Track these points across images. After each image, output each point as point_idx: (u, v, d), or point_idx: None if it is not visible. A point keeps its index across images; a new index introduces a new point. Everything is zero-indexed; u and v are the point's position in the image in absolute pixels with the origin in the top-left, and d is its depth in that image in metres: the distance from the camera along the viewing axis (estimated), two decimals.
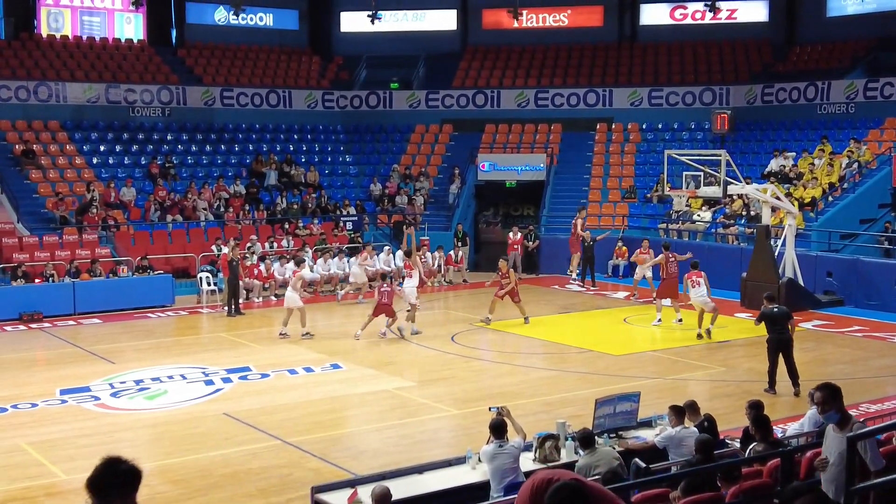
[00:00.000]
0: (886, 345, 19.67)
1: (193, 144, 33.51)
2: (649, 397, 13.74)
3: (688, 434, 10.32)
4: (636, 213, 31.25)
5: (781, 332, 15.40)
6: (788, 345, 15.43)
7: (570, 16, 37.88)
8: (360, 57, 37.98)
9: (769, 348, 15.54)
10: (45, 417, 14.79)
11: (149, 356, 19.06)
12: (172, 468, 12.35)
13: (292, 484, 11.63)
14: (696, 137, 33.65)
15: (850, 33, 34.07)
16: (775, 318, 15.46)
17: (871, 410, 14.09)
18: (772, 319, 15.48)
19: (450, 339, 20.46)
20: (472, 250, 31.30)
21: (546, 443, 10.47)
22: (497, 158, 33.08)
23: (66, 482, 11.94)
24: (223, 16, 37.21)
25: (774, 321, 15.46)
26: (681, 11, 37.08)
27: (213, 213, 29.81)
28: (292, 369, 17.73)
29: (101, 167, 30.93)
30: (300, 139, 35.55)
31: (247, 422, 14.32)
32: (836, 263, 24.46)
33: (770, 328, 15.54)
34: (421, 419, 14.61)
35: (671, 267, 21.87)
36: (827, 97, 32.32)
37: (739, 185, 24.18)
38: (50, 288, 23.76)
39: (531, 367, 18.03)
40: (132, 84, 33.24)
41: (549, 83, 36.09)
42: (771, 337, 15.52)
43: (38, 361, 19.08)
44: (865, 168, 28.30)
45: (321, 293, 26.56)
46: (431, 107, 36.10)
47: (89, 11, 35.65)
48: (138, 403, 15.66)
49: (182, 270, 26.87)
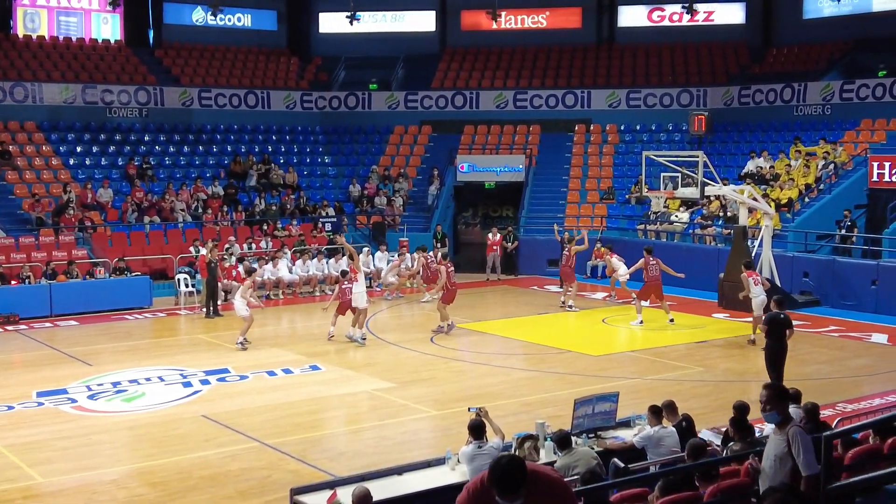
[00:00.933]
0: (862, 345, 19.83)
1: (171, 145, 33.36)
2: (628, 397, 13.79)
3: (666, 434, 10.38)
4: (614, 214, 31.37)
5: (779, 340, 15.15)
6: (783, 354, 15.19)
7: (548, 17, 37.99)
8: (339, 58, 37.95)
9: (766, 356, 15.30)
10: (21, 420, 14.67)
11: (126, 358, 18.95)
12: (151, 470, 12.30)
13: (271, 486, 11.60)
14: (674, 139, 33.83)
15: (827, 35, 34.34)
16: (779, 324, 15.18)
17: (847, 410, 14.20)
18: (776, 325, 15.19)
19: (429, 340, 20.46)
20: (451, 251, 31.30)
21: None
22: (476, 160, 33.13)
23: (43, 485, 11.86)
24: (201, 16, 37.08)
25: (777, 326, 15.18)
26: (658, 13, 37.26)
27: (190, 214, 29.69)
28: (271, 371, 17.68)
29: (77, 168, 30.75)
30: (279, 140, 35.47)
31: (225, 423, 14.27)
32: (812, 264, 24.64)
33: (770, 333, 15.25)
34: (400, 420, 14.60)
35: (652, 270, 21.93)
36: (803, 99, 32.56)
37: (717, 187, 24.32)
38: (26, 290, 23.58)
39: (510, 368, 18.06)
40: (109, 84, 33.06)
41: (527, 84, 36.18)
42: (769, 344, 15.26)
43: (14, 364, 18.91)
44: (841, 169, 28.52)
45: (300, 294, 26.51)
46: (410, 108, 36.12)
47: (66, 11, 35.43)
48: (116, 406, 15.57)
49: (160, 272, 26.75)
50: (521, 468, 4.91)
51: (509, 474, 4.88)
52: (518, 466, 4.92)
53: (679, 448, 10.22)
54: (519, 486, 4.87)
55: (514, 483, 4.87)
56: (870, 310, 22.86)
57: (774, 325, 15.27)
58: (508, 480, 4.86)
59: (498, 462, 4.93)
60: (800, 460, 6.67)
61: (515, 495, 4.88)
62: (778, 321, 15.25)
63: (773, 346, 15.25)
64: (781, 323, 15.23)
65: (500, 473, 4.88)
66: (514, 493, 4.87)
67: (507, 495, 4.87)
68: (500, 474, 4.87)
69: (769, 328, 15.33)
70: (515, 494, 4.88)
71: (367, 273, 27.39)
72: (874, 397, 15.33)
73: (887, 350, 19.38)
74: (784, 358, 15.26)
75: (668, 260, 22.93)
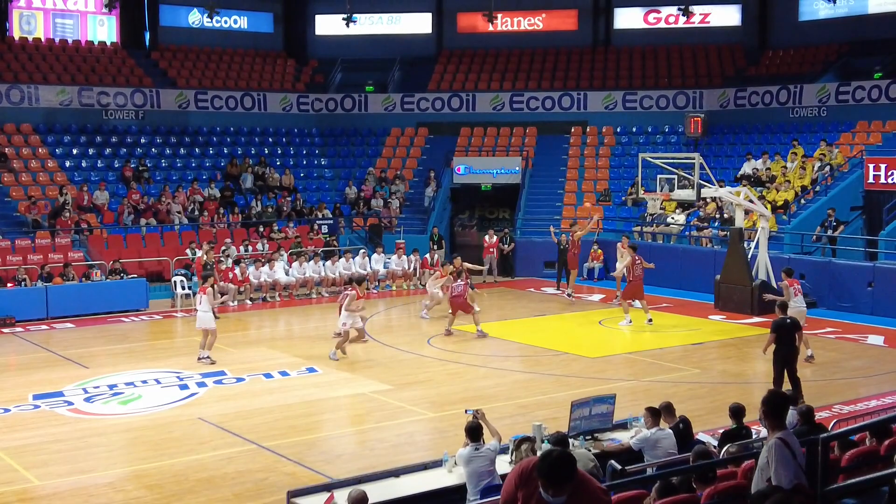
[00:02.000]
0: (859, 346, 19.86)
1: (167, 147, 33.33)
2: (624, 399, 13.81)
3: (663, 436, 10.38)
4: (611, 215, 31.38)
5: (791, 345, 14.96)
6: (794, 357, 15.05)
7: (544, 20, 38.01)
8: (336, 60, 37.94)
9: (776, 360, 15.00)
10: (17, 423, 14.65)
11: (123, 361, 18.93)
12: (147, 473, 12.28)
13: (268, 488, 11.60)
14: (670, 141, 33.85)
15: (822, 37, 34.41)
16: (788, 329, 15.00)
17: (843, 412, 14.22)
18: (785, 330, 14.98)
19: (426, 342, 20.46)
20: (447, 253, 31.30)
21: (522, 445, 10.47)
22: (472, 162, 33.13)
23: (39, 488, 11.85)
24: (197, 18, 37.07)
25: (787, 332, 14.98)
26: (654, 16, 37.30)
27: (187, 216, 29.67)
28: (268, 373, 17.66)
29: (73, 170, 30.72)
30: (275, 142, 35.46)
31: (222, 426, 14.26)
32: (808, 265, 24.65)
33: (780, 340, 14.96)
34: (397, 422, 14.59)
35: (637, 269, 21.98)
36: (799, 101, 32.60)
37: (713, 188, 24.35)
38: (22, 292, 23.55)
39: (507, 370, 18.06)
40: (105, 87, 33.03)
41: (524, 87, 36.19)
42: (778, 349, 14.97)
43: (10, 366, 18.87)
44: (837, 171, 28.56)
45: (297, 297, 26.49)
46: (407, 110, 36.12)
47: (62, 14, 35.41)
48: (112, 408, 15.55)
49: (156, 274, 26.71)
50: (571, 463, 4.87)
51: (558, 468, 4.83)
52: (568, 461, 4.87)
53: (676, 450, 10.23)
54: (565, 482, 4.82)
55: (562, 478, 4.82)
56: (866, 311, 22.90)
57: (783, 331, 15.06)
58: (557, 474, 4.82)
59: (549, 454, 4.88)
60: (772, 473, 6.59)
61: (560, 490, 4.83)
62: (786, 326, 15.10)
63: (783, 351, 14.97)
64: (789, 328, 15.09)
65: (550, 466, 4.83)
66: (560, 487, 4.82)
67: (553, 488, 4.82)
68: (549, 467, 4.83)
69: (778, 335, 15.02)
70: (560, 489, 4.83)
71: (365, 275, 27.51)
72: (871, 399, 15.34)
73: (884, 352, 19.41)
74: (796, 361, 15.10)
75: (664, 262, 22.98)
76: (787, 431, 6.82)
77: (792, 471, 6.53)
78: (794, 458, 6.57)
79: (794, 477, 6.50)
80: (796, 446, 6.70)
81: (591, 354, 19.05)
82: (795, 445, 6.70)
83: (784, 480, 6.52)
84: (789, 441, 6.66)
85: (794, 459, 6.57)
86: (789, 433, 6.82)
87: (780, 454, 6.56)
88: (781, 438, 6.64)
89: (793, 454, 6.58)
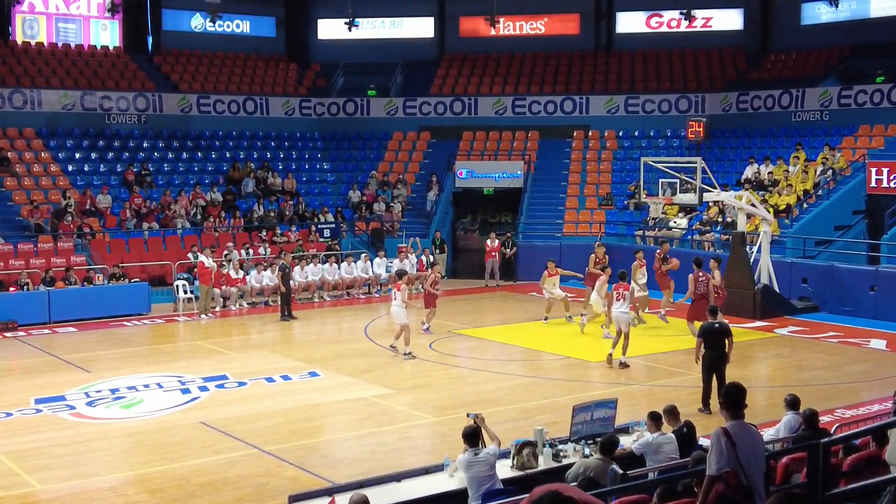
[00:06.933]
0: (861, 350, 19.84)
1: (170, 151, 33.37)
2: (626, 404, 13.79)
3: (665, 441, 10.37)
4: (613, 219, 31.37)
5: (719, 350, 14.84)
6: (723, 363, 14.86)
7: (546, 24, 38.04)
8: (338, 64, 37.97)
9: (703, 365, 14.89)
10: (19, 427, 14.66)
11: (125, 365, 18.93)
12: (149, 477, 12.28)
13: (269, 492, 11.59)
14: (672, 145, 33.84)
15: (824, 41, 34.40)
16: (716, 334, 14.87)
17: (846, 416, 14.19)
18: (713, 335, 14.87)
19: (428, 346, 20.44)
20: (449, 257, 31.33)
21: (524, 450, 10.49)
22: (474, 165, 33.12)
23: (41, 492, 11.86)
24: (200, 23, 37.13)
25: (715, 337, 14.86)
26: (656, 20, 37.32)
27: (189, 220, 29.69)
28: (269, 377, 17.66)
29: (76, 174, 30.76)
30: (277, 146, 35.48)
31: (224, 430, 14.26)
32: (810, 270, 24.64)
33: (708, 344, 14.90)
34: (399, 427, 14.59)
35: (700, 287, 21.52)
36: (801, 105, 32.59)
37: (715, 192, 24.33)
38: (25, 296, 23.57)
39: (509, 374, 18.05)
40: (108, 91, 33.07)
41: (526, 91, 36.21)
42: (707, 354, 14.90)
43: (12, 370, 18.90)
44: (840, 175, 28.54)
45: (299, 301, 26.46)
46: (409, 114, 36.15)
47: (65, 18, 35.47)
48: (114, 412, 15.55)
49: (158, 278, 26.72)
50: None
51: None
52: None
53: (678, 455, 10.21)
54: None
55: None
56: (868, 315, 22.85)
57: (711, 336, 14.89)
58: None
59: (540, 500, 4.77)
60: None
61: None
62: (713, 332, 14.91)
63: (711, 356, 14.83)
64: (717, 333, 14.89)
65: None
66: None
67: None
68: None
69: (704, 339, 14.91)
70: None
71: (367, 279, 27.53)
72: (873, 403, 15.30)
73: (886, 356, 19.37)
74: (724, 367, 14.83)
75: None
76: (738, 423, 7.00)
77: (724, 459, 6.75)
78: (732, 448, 6.76)
79: (727, 465, 6.74)
80: (743, 438, 6.87)
81: (592, 358, 19.03)
82: (742, 437, 6.87)
83: (713, 467, 6.78)
84: (732, 432, 6.86)
85: (733, 449, 6.76)
86: (739, 424, 6.99)
87: (716, 442, 6.81)
88: (724, 428, 6.89)
89: (732, 444, 6.77)
